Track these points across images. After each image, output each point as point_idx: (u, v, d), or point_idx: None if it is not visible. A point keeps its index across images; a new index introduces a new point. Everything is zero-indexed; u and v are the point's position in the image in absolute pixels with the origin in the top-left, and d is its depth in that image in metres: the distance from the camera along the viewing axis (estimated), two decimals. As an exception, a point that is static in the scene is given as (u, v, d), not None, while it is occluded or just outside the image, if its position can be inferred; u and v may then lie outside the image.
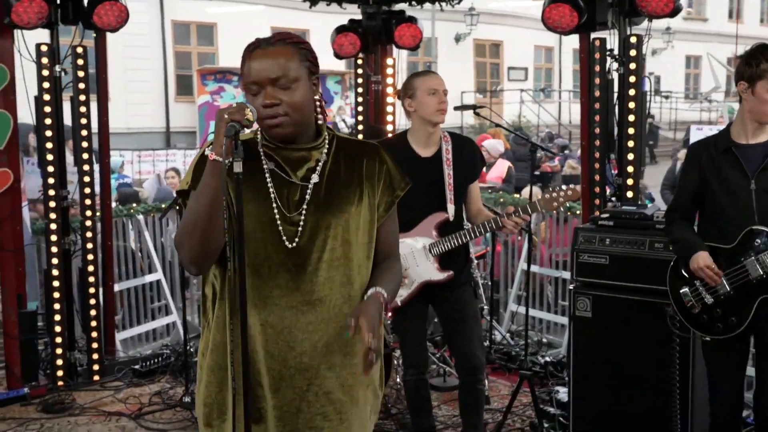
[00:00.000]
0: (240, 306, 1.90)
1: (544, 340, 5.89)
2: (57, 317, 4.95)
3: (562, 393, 4.42)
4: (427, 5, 5.81)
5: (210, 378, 2.07)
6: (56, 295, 4.94)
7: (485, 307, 5.41)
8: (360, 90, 6.12)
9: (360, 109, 6.14)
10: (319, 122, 2.10)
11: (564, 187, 3.62)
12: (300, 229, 2.03)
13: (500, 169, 9.96)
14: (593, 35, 4.76)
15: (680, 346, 3.67)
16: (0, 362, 4.75)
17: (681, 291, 3.25)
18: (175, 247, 2.05)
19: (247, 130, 1.92)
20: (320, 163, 2.07)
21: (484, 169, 10.13)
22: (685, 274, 3.24)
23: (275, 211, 2.02)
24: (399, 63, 6.12)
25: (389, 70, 6.03)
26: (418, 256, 3.61)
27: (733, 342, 3.15)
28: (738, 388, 3.25)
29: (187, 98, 17.89)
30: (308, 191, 2.04)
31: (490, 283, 5.49)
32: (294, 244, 2.02)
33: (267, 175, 2.03)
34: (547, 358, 5.16)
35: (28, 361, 4.90)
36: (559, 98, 24.06)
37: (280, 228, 2.01)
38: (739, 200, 3.09)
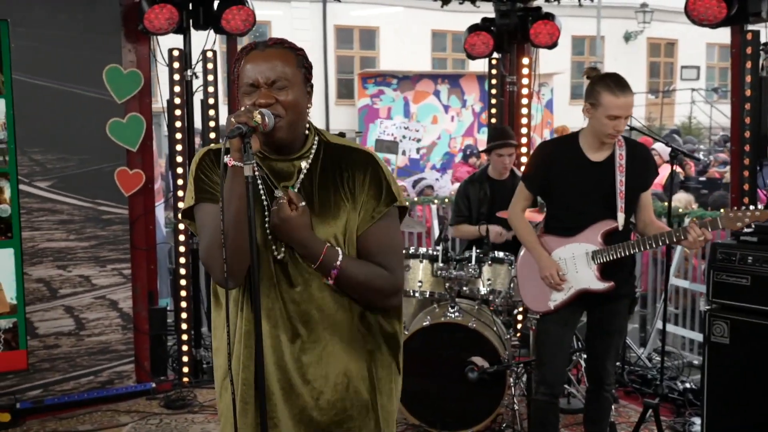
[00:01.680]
0: (255, 316, 1.87)
1: (695, 362, 5.37)
2: (184, 315, 5.08)
3: (697, 426, 3.99)
4: (565, 1, 5.48)
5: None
6: (183, 293, 5.08)
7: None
8: (494, 91, 5.86)
9: (494, 111, 5.89)
10: (306, 132, 2.03)
11: (752, 207, 3.31)
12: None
13: (662, 174, 9.33)
14: (747, 28, 4.27)
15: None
16: (130, 357, 4.92)
17: None
18: (205, 266, 2.01)
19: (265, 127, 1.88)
20: (302, 174, 2.01)
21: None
22: None
23: (266, 221, 1.97)
24: (535, 63, 5.80)
25: (525, 71, 5.74)
26: (579, 262, 3.43)
27: None
28: None
29: (347, 101, 18.24)
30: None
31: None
32: (281, 255, 1.97)
33: (260, 182, 1.99)
34: (687, 384, 4.69)
35: (156, 356, 5.07)
36: (736, 98, 22.33)
37: (270, 237, 1.97)
38: None
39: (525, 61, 5.73)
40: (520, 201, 3.58)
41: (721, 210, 3.32)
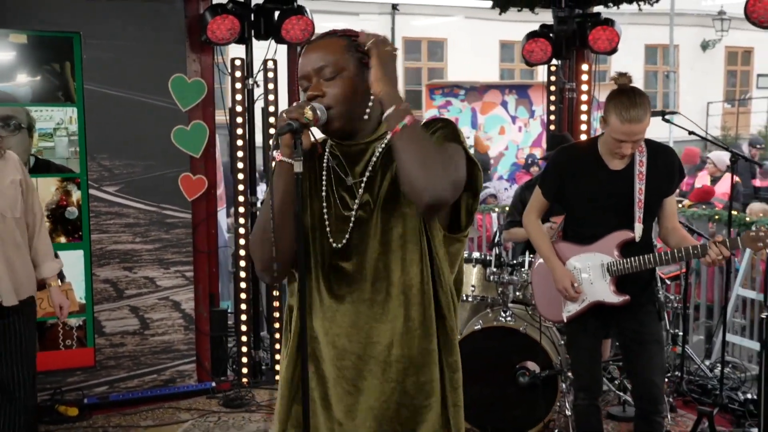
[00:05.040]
0: (300, 310, 1.81)
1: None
2: (244, 317, 5.22)
3: (756, 436, 3.89)
4: (625, 7, 5.43)
5: (283, 391, 2.00)
6: (243, 296, 5.21)
7: (679, 333, 4.91)
8: (552, 98, 5.85)
9: (552, 118, 5.87)
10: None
11: None
12: (350, 226, 1.92)
13: (727, 183, 9.08)
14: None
15: None
16: (192, 357, 5.08)
17: None
18: (252, 254, 1.99)
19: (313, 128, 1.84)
20: (375, 156, 1.92)
21: (708, 182, 9.34)
22: None
23: (324, 210, 1.94)
24: (606, 69, 5.76)
25: (584, 77, 5.70)
26: (594, 273, 3.34)
27: None
28: None
29: (415, 113, 18.26)
30: (362, 186, 1.92)
31: (681, 309, 4.95)
32: (340, 244, 1.91)
33: (324, 173, 1.96)
34: (749, 395, 4.56)
35: (217, 356, 5.21)
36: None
37: (328, 228, 1.93)
38: None
39: (584, 67, 5.70)
40: (535, 206, 3.48)
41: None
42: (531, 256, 4.44)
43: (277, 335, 5.28)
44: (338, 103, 1.85)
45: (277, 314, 5.28)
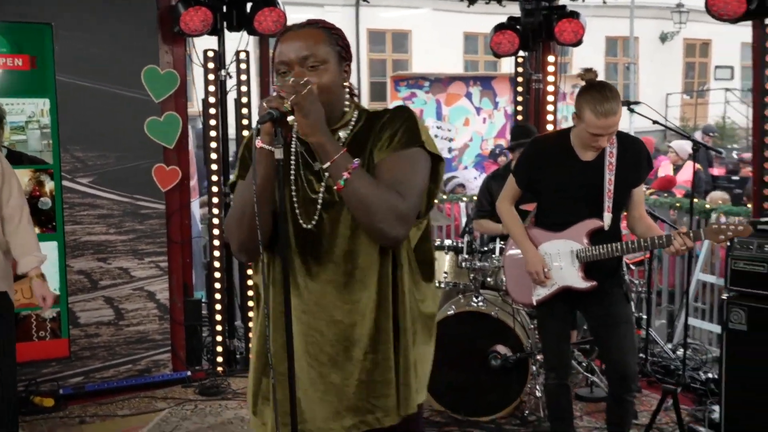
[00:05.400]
0: (284, 290, 1.89)
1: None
2: (218, 307, 5.27)
3: (717, 413, 4.05)
4: (594, 0, 5.56)
5: (255, 364, 2.12)
6: (218, 285, 5.26)
7: (643, 316, 5.08)
8: (520, 89, 5.97)
9: (520, 108, 5.99)
10: (346, 107, 2.05)
11: (737, 220, 3.33)
12: (318, 209, 2.02)
13: (689, 172, 9.32)
14: (766, 22, 4.33)
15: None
16: (167, 347, 5.11)
17: None
18: (227, 236, 2.08)
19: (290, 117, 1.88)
20: (341, 142, 2.02)
21: (671, 170, 9.57)
22: None
23: (294, 192, 2.03)
24: (567, 61, 5.89)
25: (550, 68, 5.83)
26: (564, 259, 3.47)
27: None
28: None
29: (380, 104, 18.38)
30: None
31: (646, 294, 5.12)
32: (310, 225, 2.01)
33: (293, 158, 2.04)
34: (710, 375, 4.74)
35: (191, 346, 5.26)
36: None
37: (297, 210, 2.03)
38: None
39: (550, 59, 5.82)
40: (509, 194, 3.60)
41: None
42: (501, 242, 4.56)
43: (251, 324, 5.33)
44: (320, 93, 1.93)
45: (251, 303, 5.33)
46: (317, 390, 2.05)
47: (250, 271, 5.33)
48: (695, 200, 7.22)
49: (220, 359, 5.26)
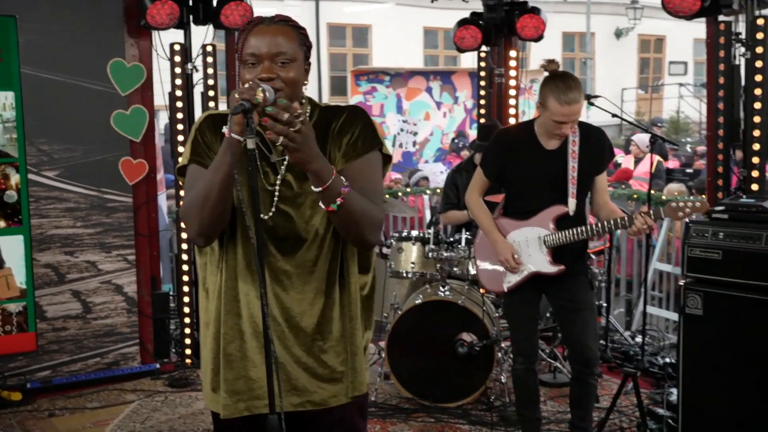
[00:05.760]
0: (259, 277, 1.93)
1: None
2: (186, 299, 5.29)
3: (675, 395, 4.21)
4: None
5: (212, 345, 2.18)
6: (185, 278, 5.29)
7: (603, 304, 5.23)
8: (483, 83, 6.09)
9: (482, 102, 6.11)
10: (301, 103, 2.16)
11: (693, 198, 3.49)
12: (275, 200, 2.10)
13: (647, 164, 9.57)
14: (721, 19, 4.50)
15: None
16: (135, 339, 5.13)
17: None
18: (182, 220, 2.15)
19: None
20: None
21: (632, 164, 9.81)
22: None
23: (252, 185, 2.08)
24: (525, 56, 6.02)
25: (512, 63, 5.96)
26: (532, 246, 3.59)
27: None
28: None
29: (340, 98, 18.43)
30: (284, 164, 2.12)
31: (606, 283, 5.28)
32: (267, 216, 2.10)
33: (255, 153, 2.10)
34: (668, 359, 4.92)
35: (159, 338, 5.27)
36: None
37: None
38: None
39: (512, 53, 5.95)
40: (477, 186, 3.72)
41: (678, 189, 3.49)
42: (467, 233, 4.67)
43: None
44: (286, 88, 2.04)
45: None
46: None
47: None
48: (652, 191, 7.45)
49: (188, 351, 5.28)
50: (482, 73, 6.09)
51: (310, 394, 2.17)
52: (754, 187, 4.26)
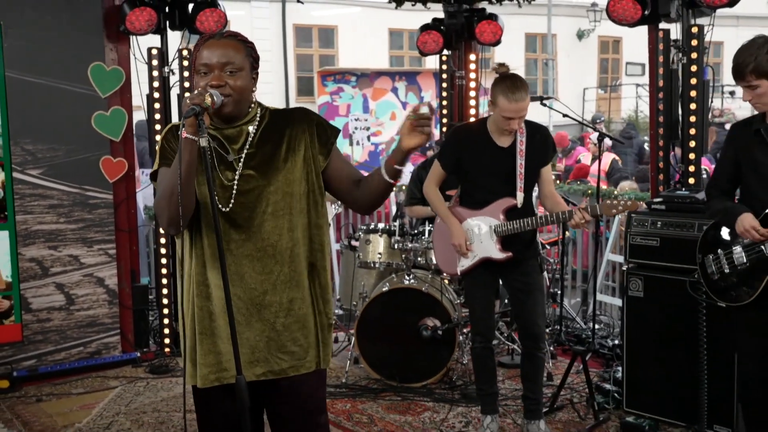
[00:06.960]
0: (219, 259, 2.27)
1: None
2: (164, 291, 5.56)
3: (620, 372, 4.58)
4: (507, 3, 6.06)
5: (191, 323, 2.47)
6: (164, 271, 5.56)
7: (558, 292, 5.60)
8: (445, 85, 6.43)
9: (444, 103, 6.46)
10: (251, 106, 2.48)
11: (626, 197, 3.82)
12: (234, 194, 2.41)
13: (605, 161, 9.99)
14: (661, 26, 4.88)
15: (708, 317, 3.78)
16: (116, 330, 5.38)
17: (705, 258, 3.40)
18: (155, 214, 2.47)
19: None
20: (251, 135, 2.46)
21: (589, 162, 10.23)
22: (714, 242, 3.38)
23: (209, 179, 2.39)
24: (490, 57, 6.38)
25: (472, 66, 6.31)
26: (483, 234, 3.93)
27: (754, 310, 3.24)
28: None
29: (307, 99, 18.67)
30: (241, 161, 2.43)
31: (559, 274, 5.65)
32: (227, 209, 2.40)
33: (208, 150, 2.36)
34: (617, 341, 5.30)
35: (139, 329, 5.54)
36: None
37: (216, 195, 2.36)
38: (765, 179, 3.20)
39: (472, 57, 6.31)
40: (435, 177, 4.08)
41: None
42: (430, 225, 5.01)
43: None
44: (234, 94, 2.39)
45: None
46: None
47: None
48: (605, 187, 7.86)
49: (167, 341, 5.55)
50: (444, 76, 6.44)
51: (271, 364, 2.47)
52: (691, 180, 4.64)
